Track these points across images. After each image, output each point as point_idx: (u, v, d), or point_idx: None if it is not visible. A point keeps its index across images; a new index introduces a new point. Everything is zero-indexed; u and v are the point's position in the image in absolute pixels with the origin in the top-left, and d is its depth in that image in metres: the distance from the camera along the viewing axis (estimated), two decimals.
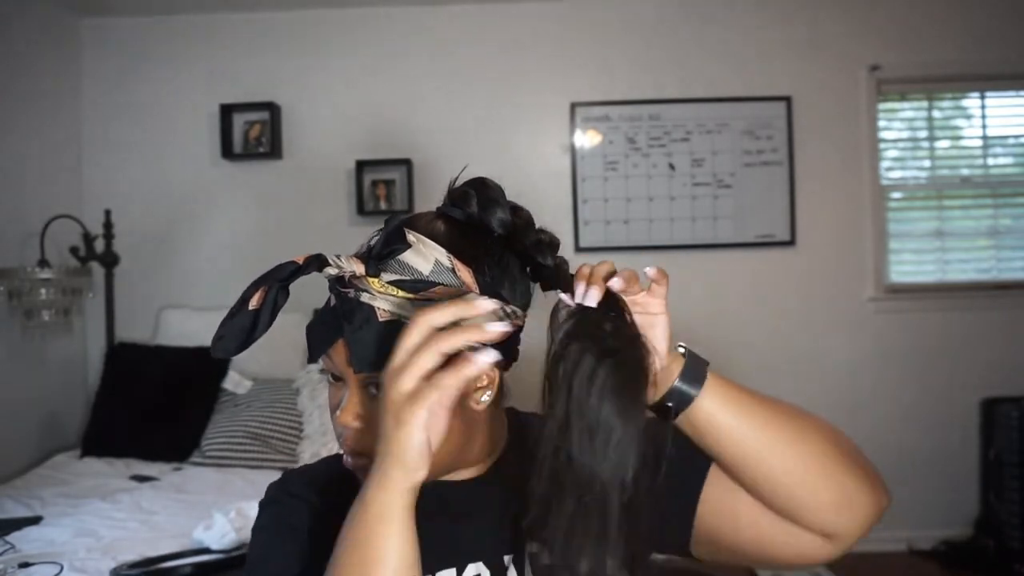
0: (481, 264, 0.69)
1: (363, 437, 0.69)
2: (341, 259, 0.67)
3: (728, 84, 3.33)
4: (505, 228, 0.71)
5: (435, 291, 0.67)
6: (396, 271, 0.67)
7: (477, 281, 0.68)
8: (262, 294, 0.65)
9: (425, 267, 0.67)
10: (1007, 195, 3.46)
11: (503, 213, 0.71)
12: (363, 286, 0.67)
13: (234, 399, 2.88)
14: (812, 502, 0.68)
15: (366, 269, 0.67)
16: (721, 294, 3.33)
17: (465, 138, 3.33)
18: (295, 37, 3.35)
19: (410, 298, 0.66)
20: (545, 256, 0.70)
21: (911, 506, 3.30)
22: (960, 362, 3.32)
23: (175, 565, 1.76)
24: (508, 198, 0.74)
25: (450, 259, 0.68)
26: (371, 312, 0.66)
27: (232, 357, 0.65)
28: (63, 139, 3.24)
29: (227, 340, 0.65)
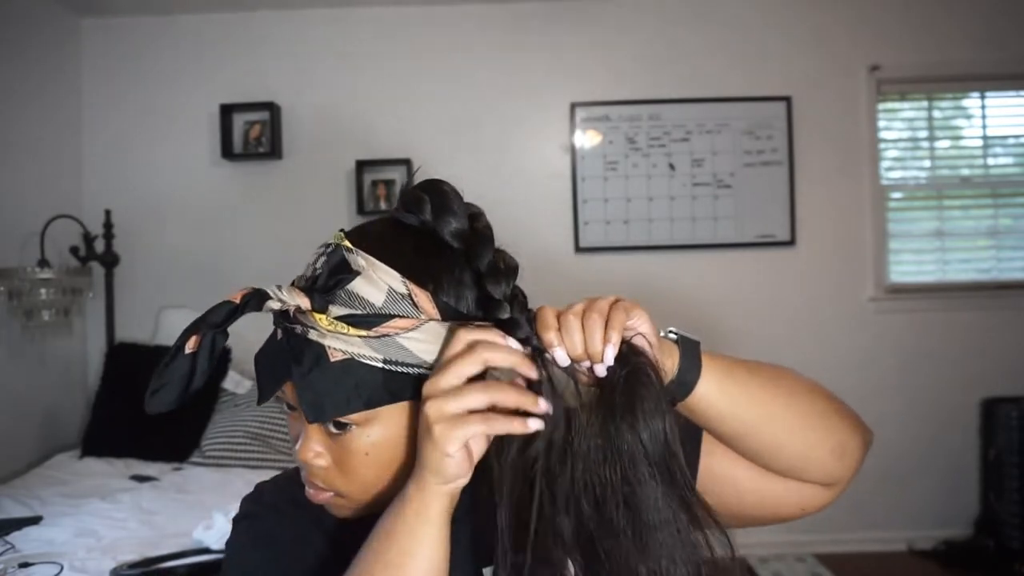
0: (440, 282, 0.63)
1: (333, 476, 0.66)
2: (283, 291, 0.61)
3: (728, 84, 3.33)
4: (460, 240, 0.65)
5: (391, 325, 0.61)
6: (346, 303, 0.62)
7: (437, 304, 0.63)
8: (197, 339, 0.58)
9: (378, 297, 0.62)
10: (1007, 195, 3.46)
11: (458, 223, 0.65)
12: (310, 323, 0.62)
13: (234, 399, 2.88)
14: (813, 458, 0.69)
15: (312, 303, 0.62)
16: (721, 294, 3.33)
17: (465, 138, 3.33)
18: (295, 37, 3.35)
19: (363, 335, 0.61)
20: (497, 285, 0.64)
21: (911, 506, 3.31)
22: (960, 362, 3.32)
23: (175, 565, 1.76)
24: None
25: (405, 284, 0.62)
26: (322, 351, 0.61)
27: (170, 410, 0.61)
28: (63, 139, 3.24)
29: (164, 392, 0.59)
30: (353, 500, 0.67)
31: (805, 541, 3.27)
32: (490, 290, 0.63)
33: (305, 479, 0.69)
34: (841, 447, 0.70)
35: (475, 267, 0.65)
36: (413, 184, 0.69)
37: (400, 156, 3.28)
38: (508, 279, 0.64)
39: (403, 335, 0.62)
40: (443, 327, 0.63)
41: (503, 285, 0.64)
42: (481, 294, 0.64)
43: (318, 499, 0.68)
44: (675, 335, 0.68)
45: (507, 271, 0.65)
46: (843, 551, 3.24)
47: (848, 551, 3.24)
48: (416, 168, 3.28)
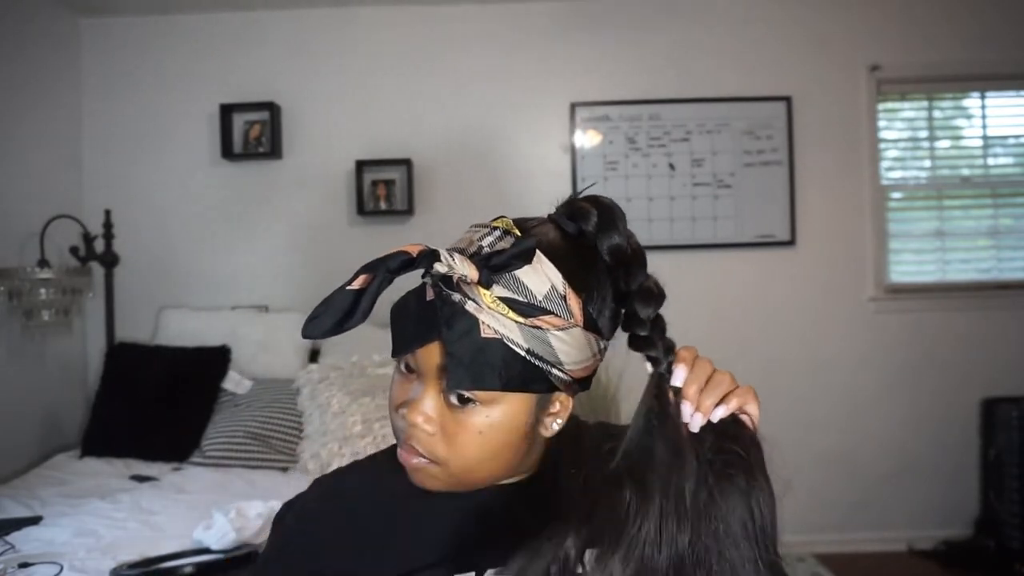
0: (591, 293, 0.67)
1: (434, 443, 0.67)
2: (454, 259, 0.63)
3: (728, 84, 3.33)
4: (614, 257, 0.69)
5: (546, 319, 0.64)
6: (509, 287, 0.64)
7: (584, 313, 0.66)
8: (367, 279, 0.60)
9: (540, 290, 0.64)
10: (1007, 195, 3.46)
11: (619, 239, 0.69)
12: (471, 294, 0.64)
13: (234, 399, 2.88)
14: None
15: (479, 277, 0.64)
16: (721, 294, 3.33)
17: (465, 138, 3.33)
18: (295, 37, 3.35)
19: (519, 322, 0.63)
20: (648, 307, 0.67)
21: (911, 506, 3.31)
22: (960, 362, 3.32)
23: (175, 565, 1.76)
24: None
25: (565, 286, 0.65)
26: (474, 325, 0.63)
27: (322, 339, 0.62)
28: (63, 139, 3.24)
29: (320, 320, 0.59)
30: (447, 473, 0.68)
31: (805, 541, 3.27)
32: (638, 309, 0.67)
33: (402, 441, 0.69)
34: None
35: (624, 286, 0.68)
36: (580, 195, 0.74)
37: (400, 156, 3.28)
38: (657, 303, 0.68)
39: (552, 332, 0.64)
40: (584, 335, 0.66)
41: (651, 308, 0.67)
42: (627, 312, 0.68)
43: (410, 462, 0.69)
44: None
45: (658, 295, 0.68)
46: (843, 551, 3.24)
47: (848, 551, 3.24)
48: (415, 167, 3.28)
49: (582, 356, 0.67)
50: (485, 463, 0.68)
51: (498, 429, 0.66)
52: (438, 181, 3.30)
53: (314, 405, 2.74)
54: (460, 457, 0.67)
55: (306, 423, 2.73)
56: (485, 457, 0.67)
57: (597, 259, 0.69)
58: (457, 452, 0.67)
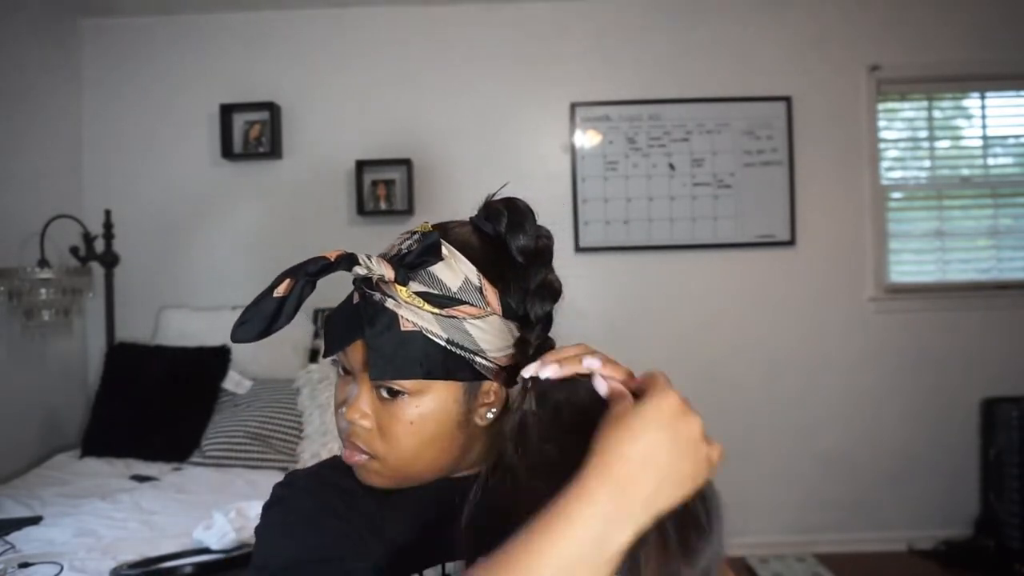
0: (507, 285, 0.71)
1: (373, 439, 0.70)
2: (371, 261, 0.67)
3: (728, 84, 3.33)
4: (524, 256, 0.73)
5: (461, 309, 0.68)
6: (424, 282, 0.68)
7: (502, 303, 0.70)
8: (289, 284, 0.64)
9: (454, 283, 0.69)
10: (1007, 195, 3.46)
11: (525, 240, 0.73)
12: (389, 292, 0.68)
13: (234, 399, 2.88)
14: None
15: (395, 275, 0.68)
16: (721, 294, 3.33)
17: (465, 138, 3.33)
18: (295, 37, 3.35)
19: (434, 313, 0.68)
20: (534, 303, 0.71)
21: (911, 506, 3.31)
22: (960, 362, 3.32)
23: (175, 565, 1.76)
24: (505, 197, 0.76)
25: (479, 277, 0.70)
26: (394, 320, 0.67)
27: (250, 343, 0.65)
28: (63, 139, 3.24)
29: (249, 325, 0.64)
30: (387, 467, 0.71)
31: (805, 541, 3.27)
32: (528, 306, 0.72)
33: (344, 440, 0.73)
34: None
35: (527, 283, 0.72)
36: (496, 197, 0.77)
37: (400, 156, 3.28)
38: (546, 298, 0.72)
39: (469, 321, 0.69)
40: (503, 323, 0.70)
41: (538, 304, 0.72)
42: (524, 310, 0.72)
43: (352, 460, 0.72)
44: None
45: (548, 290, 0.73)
46: (843, 551, 3.24)
47: (848, 551, 3.24)
48: (416, 166, 3.28)
49: (503, 343, 0.70)
50: (421, 454, 0.70)
51: (428, 419, 0.69)
52: (438, 181, 3.30)
53: (314, 405, 2.74)
54: (396, 449, 0.70)
55: (306, 423, 2.73)
56: (420, 447, 0.70)
57: (511, 258, 0.73)
58: (392, 445, 0.70)
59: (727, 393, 3.27)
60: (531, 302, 0.72)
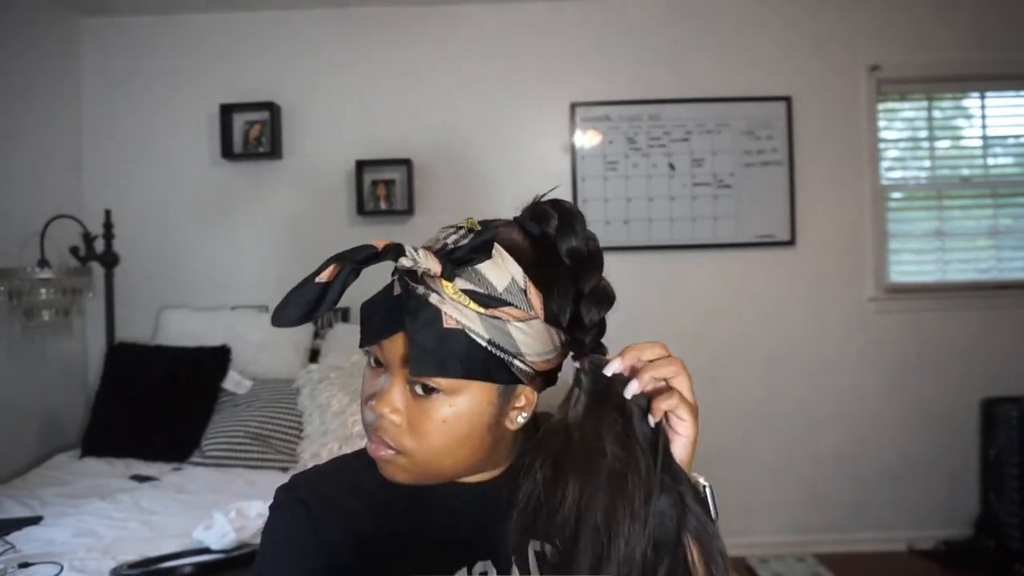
0: (551, 290, 0.69)
1: (401, 434, 0.69)
2: (418, 253, 0.66)
3: (728, 84, 3.33)
4: (572, 259, 0.71)
5: (506, 311, 0.67)
6: (470, 279, 0.67)
7: (544, 308, 0.69)
8: (334, 270, 0.63)
9: (500, 283, 0.67)
10: (1007, 195, 3.46)
11: (577, 242, 0.71)
12: (435, 287, 0.66)
13: (234, 399, 2.88)
14: None
15: (442, 270, 0.66)
16: (721, 294, 3.33)
17: (465, 138, 3.33)
18: (295, 37, 3.35)
19: (479, 312, 0.66)
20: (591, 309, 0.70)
21: (911, 506, 3.31)
22: (960, 362, 3.32)
23: (175, 565, 1.76)
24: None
25: (525, 280, 0.68)
26: (437, 315, 0.66)
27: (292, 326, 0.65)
28: (63, 139, 3.24)
29: (291, 309, 0.63)
30: (414, 463, 0.70)
31: (805, 541, 3.27)
32: (583, 311, 0.70)
33: (371, 433, 0.71)
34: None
35: (580, 287, 0.71)
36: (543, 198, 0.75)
37: (400, 156, 3.28)
38: (605, 306, 0.71)
39: (513, 323, 0.67)
40: (545, 328, 0.69)
41: (596, 310, 0.70)
42: (575, 312, 0.71)
43: (378, 454, 0.71)
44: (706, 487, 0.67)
45: (604, 297, 0.71)
46: (843, 551, 3.24)
47: (848, 551, 3.24)
48: (415, 166, 3.28)
49: (543, 348, 0.69)
50: (450, 453, 0.69)
51: (461, 419, 0.68)
52: (438, 181, 3.30)
53: (314, 405, 2.74)
54: (425, 446, 0.69)
55: (306, 423, 2.73)
56: (450, 447, 0.69)
57: (559, 260, 0.71)
58: (422, 442, 0.68)
59: (727, 393, 3.27)
60: (585, 307, 0.70)
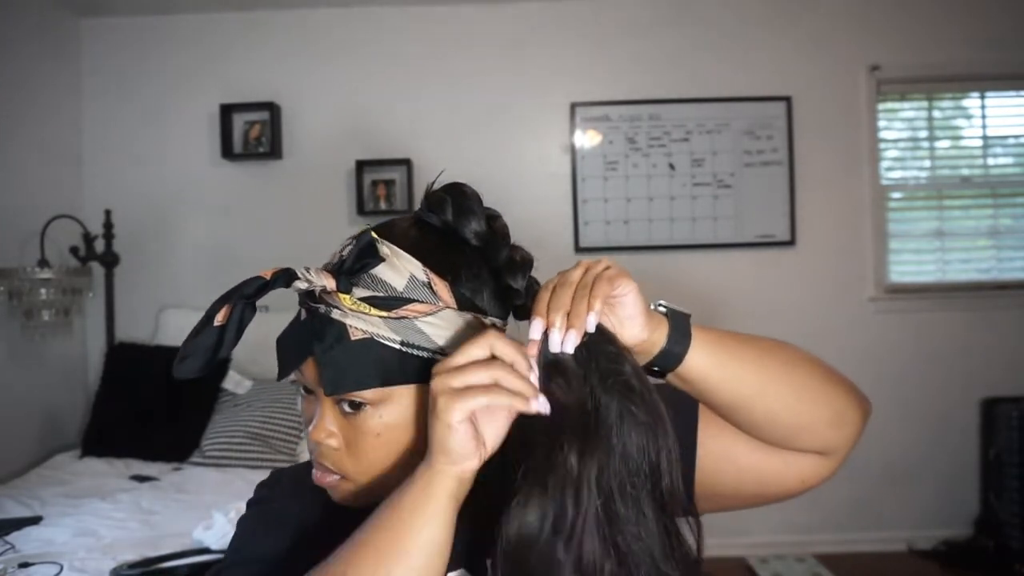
0: (459, 274, 0.68)
1: (342, 457, 0.68)
2: (311, 272, 0.65)
3: (728, 84, 3.33)
4: (479, 239, 0.70)
5: (411, 308, 0.65)
6: (369, 286, 0.65)
7: (454, 294, 0.67)
8: (227, 311, 0.62)
9: (399, 282, 0.66)
10: (1007, 195, 3.46)
11: (477, 224, 0.70)
12: (334, 302, 0.65)
13: (234, 399, 2.88)
14: (809, 426, 0.69)
15: (337, 284, 0.65)
16: (721, 294, 3.33)
17: (465, 138, 3.33)
18: (295, 37, 3.35)
19: (383, 316, 0.64)
20: (515, 277, 0.69)
21: (911, 506, 3.31)
22: (960, 362, 3.32)
23: (175, 565, 1.76)
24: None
25: (426, 272, 0.66)
26: (343, 330, 0.64)
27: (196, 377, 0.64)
28: (63, 139, 3.24)
29: (191, 360, 0.62)
30: (358, 484, 0.69)
31: (805, 541, 3.27)
32: (509, 281, 0.69)
33: (314, 461, 0.70)
34: (838, 416, 0.70)
35: (493, 263, 0.69)
36: (436, 187, 0.73)
37: (400, 156, 3.28)
38: (524, 271, 0.70)
39: (421, 319, 0.65)
40: (459, 316, 0.67)
41: (519, 277, 0.69)
42: (499, 286, 0.69)
43: (323, 481, 0.70)
44: (664, 308, 0.68)
45: (523, 264, 0.70)
46: (843, 551, 3.24)
47: (848, 551, 3.24)
48: (416, 167, 3.29)
49: (462, 338, 0.66)
50: (392, 465, 0.67)
51: (395, 428, 0.66)
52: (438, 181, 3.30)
53: None
54: (365, 464, 0.67)
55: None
56: (391, 459, 0.67)
57: (463, 244, 0.70)
58: (361, 460, 0.67)
59: None
60: (509, 277, 0.69)
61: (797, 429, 0.69)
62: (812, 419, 0.69)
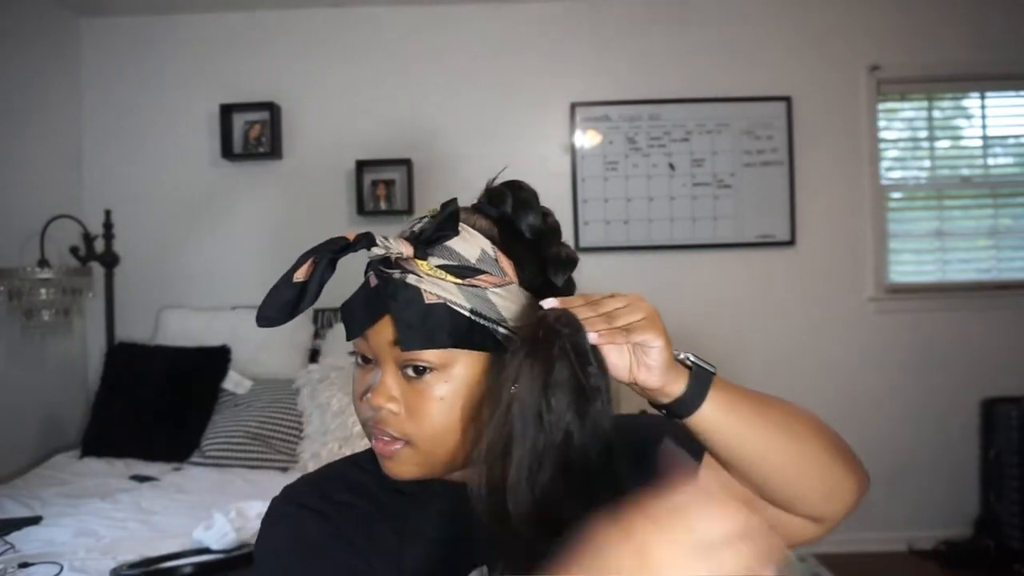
0: (518, 260, 0.72)
1: (402, 422, 0.69)
2: (389, 240, 0.68)
3: (728, 84, 3.33)
4: (533, 233, 0.74)
5: (481, 279, 0.69)
6: (443, 256, 0.69)
7: (517, 274, 0.71)
8: (310, 266, 0.64)
9: (472, 254, 0.69)
10: (1007, 195, 3.46)
11: (534, 218, 0.74)
12: (410, 267, 0.68)
13: (234, 399, 2.88)
14: (805, 494, 0.72)
15: (414, 251, 0.68)
16: (721, 294, 3.33)
17: (465, 138, 3.33)
18: (295, 37, 3.35)
19: (457, 283, 0.68)
20: (557, 273, 0.73)
21: (911, 506, 3.31)
22: (960, 362, 3.32)
23: (175, 565, 1.76)
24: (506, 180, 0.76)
25: (494, 250, 0.71)
26: (417, 293, 0.67)
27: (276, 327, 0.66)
28: (63, 139, 3.24)
29: (272, 310, 0.64)
30: (421, 451, 0.69)
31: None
32: (551, 276, 0.73)
33: (373, 430, 0.71)
34: (833, 491, 0.73)
35: (542, 256, 0.73)
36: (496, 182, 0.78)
37: (400, 156, 3.28)
38: (567, 268, 0.74)
39: (491, 290, 0.69)
40: (523, 292, 0.71)
41: (561, 274, 0.74)
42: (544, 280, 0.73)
43: (388, 450, 0.70)
44: (692, 362, 0.68)
45: (568, 261, 0.74)
46: (843, 551, 3.23)
47: (848, 551, 3.24)
48: (416, 166, 3.28)
49: (526, 314, 0.70)
50: (454, 431, 0.68)
51: (459, 393, 0.68)
52: (438, 181, 3.30)
53: (314, 405, 2.74)
54: (428, 429, 0.68)
55: (306, 423, 2.73)
56: (452, 425, 0.68)
57: (520, 235, 0.74)
58: (424, 424, 0.68)
59: None
60: (552, 272, 0.73)
61: (792, 495, 0.72)
62: (807, 491, 0.72)
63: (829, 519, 0.75)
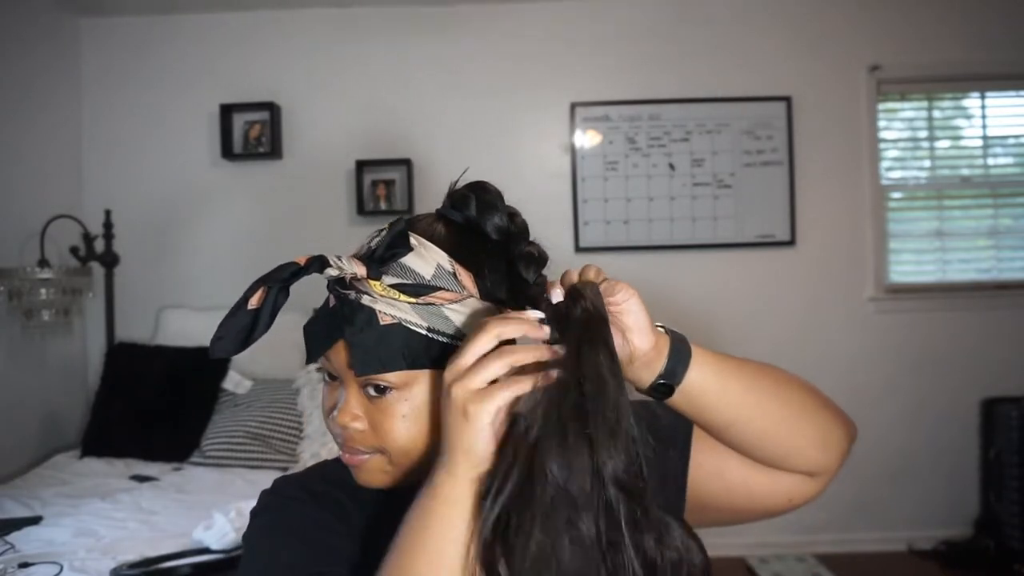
0: (482, 268, 0.70)
1: (369, 438, 0.70)
2: (342, 260, 0.67)
3: (728, 84, 3.33)
4: (501, 234, 0.72)
5: (437, 295, 0.67)
6: (397, 274, 0.68)
7: (477, 286, 0.70)
8: (262, 294, 0.65)
9: (427, 271, 0.68)
10: (1007, 195, 3.46)
11: (500, 219, 0.72)
12: (364, 288, 0.67)
13: (234, 399, 2.88)
14: (800, 444, 0.74)
15: (367, 271, 0.67)
16: (721, 294, 3.33)
17: (465, 138, 3.33)
18: (295, 37, 3.35)
19: (411, 302, 0.67)
20: (528, 270, 0.71)
21: (911, 506, 3.31)
22: (960, 362, 3.32)
23: (175, 565, 1.76)
24: (509, 199, 0.75)
25: (451, 263, 0.69)
26: (372, 315, 0.67)
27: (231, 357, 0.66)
28: (63, 139, 3.24)
29: (226, 341, 0.64)
30: (389, 461, 0.70)
31: (805, 541, 3.27)
32: (522, 271, 0.70)
33: (342, 446, 0.72)
34: (825, 438, 0.76)
35: (510, 257, 0.71)
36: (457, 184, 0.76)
37: (400, 156, 3.28)
38: (538, 265, 0.72)
39: (447, 306, 0.68)
40: (482, 304, 0.69)
41: (532, 270, 0.71)
42: (513, 279, 0.71)
43: (355, 462, 0.71)
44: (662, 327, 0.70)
45: (538, 258, 0.72)
46: (843, 551, 3.24)
47: (848, 551, 3.24)
48: (415, 167, 3.29)
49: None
50: (420, 445, 0.69)
51: (421, 411, 0.68)
52: (438, 181, 3.30)
53: (314, 405, 2.74)
54: (393, 444, 0.69)
55: (306, 423, 2.73)
56: (418, 440, 0.69)
57: (485, 239, 0.72)
58: (388, 440, 0.69)
59: None
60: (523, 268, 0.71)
61: (787, 449, 0.73)
62: (801, 440, 0.74)
63: (825, 470, 0.77)
